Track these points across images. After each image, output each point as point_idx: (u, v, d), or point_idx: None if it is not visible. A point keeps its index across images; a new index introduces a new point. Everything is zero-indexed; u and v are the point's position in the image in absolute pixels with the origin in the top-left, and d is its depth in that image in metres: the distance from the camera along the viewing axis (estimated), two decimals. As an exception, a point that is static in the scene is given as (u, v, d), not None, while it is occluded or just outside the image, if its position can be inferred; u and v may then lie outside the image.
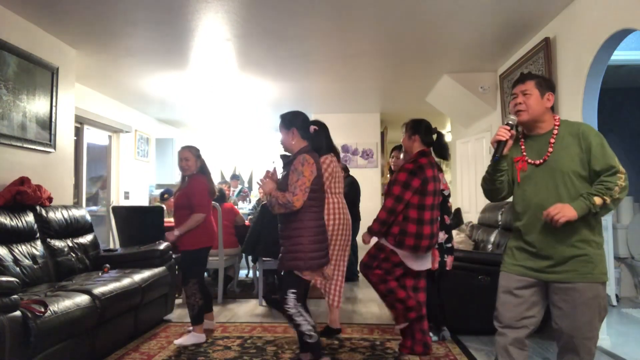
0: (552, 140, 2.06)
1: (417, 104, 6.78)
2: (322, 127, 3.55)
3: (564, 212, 1.90)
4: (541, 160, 2.06)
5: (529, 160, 2.09)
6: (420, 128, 3.04)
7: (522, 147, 2.14)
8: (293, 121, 2.82)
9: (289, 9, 3.68)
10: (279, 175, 2.88)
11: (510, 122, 2.08)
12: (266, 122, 8.33)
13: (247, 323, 4.14)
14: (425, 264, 2.96)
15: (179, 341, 3.52)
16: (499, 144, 2.06)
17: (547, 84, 2.13)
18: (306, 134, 2.82)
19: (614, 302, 4.72)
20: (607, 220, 4.69)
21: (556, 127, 2.08)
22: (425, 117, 3.19)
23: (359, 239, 6.43)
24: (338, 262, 3.62)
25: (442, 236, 3.37)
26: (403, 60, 4.99)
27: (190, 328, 3.72)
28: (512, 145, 2.14)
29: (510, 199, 2.22)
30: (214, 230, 3.79)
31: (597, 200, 1.92)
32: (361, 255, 6.81)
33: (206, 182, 3.73)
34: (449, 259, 3.45)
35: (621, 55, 4.21)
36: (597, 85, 3.44)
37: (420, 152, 2.97)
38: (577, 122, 2.14)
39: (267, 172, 2.80)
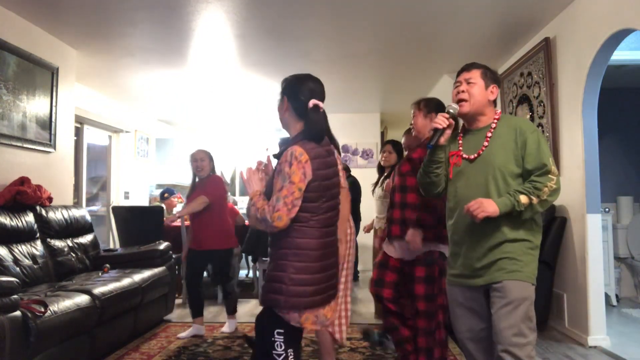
0: (489, 134, 1.94)
1: (417, 104, 6.78)
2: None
3: (484, 207, 1.80)
4: (475, 155, 1.94)
5: (464, 155, 1.97)
6: (432, 105, 2.71)
7: (460, 141, 2.02)
8: (289, 87, 1.94)
9: (289, 9, 3.68)
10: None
11: (450, 111, 1.93)
12: (266, 123, 8.33)
13: (247, 323, 4.13)
14: None
15: (225, 329, 3.87)
16: (435, 132, 1.90)
17: (493, 76, 2.03)
18: (302, 110, 1.89)
19: (614, 302, 4.72)
20: (607, 220, 4.72)
21: (495, 121, 1.97)
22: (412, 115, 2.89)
23: (359, 239, 6.46)
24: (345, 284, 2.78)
25: None
26: (403, 60, 4.99)
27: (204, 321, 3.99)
28: (450, 139, 2.00)
29: None
30: (231, 231, 4.05)
31: (523, 198, 1.81)
32: (362, 259, 6.82)
33: (224, 182, 4.02)
34: None
35: (621, 55, 4.20)
36: (597, 85, 3.43)
37: None
38: (517, 117, 2.05)
39: (259, 162, 1.99)
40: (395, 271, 2.63)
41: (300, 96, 1.88)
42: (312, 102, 1.88)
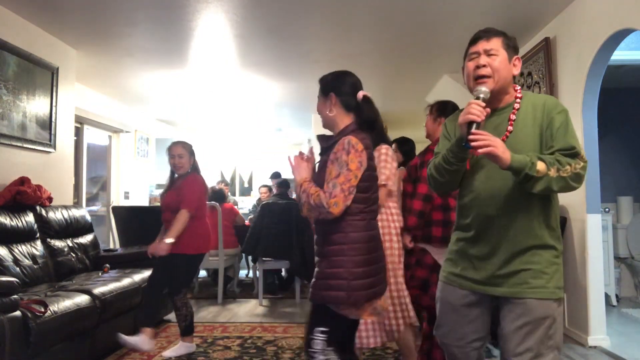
0: (513, 117, 1.61)
1: (417, 104, 6.77)
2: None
3: (496, 144, 1.46)
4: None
5: None
6: (447, 110, 2.65)
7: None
8: (332, 83, 1.98)
9: (289, 8, 3.67)
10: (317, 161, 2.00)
11: (482, 96, 1.57)
12: (266, 122, 8.33)
13: (247, 323, 4.14)
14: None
15: (167, 353, 3.25)
16: (470, 126, 1.52)
17: (515, 46, 1.68)
18: (352, 103, 1.94)
19: (614, 302, 4.72)
20: (607, 220, 4.71)
21: (518, 100, 1.64)
22: (425, 117, 3.01)
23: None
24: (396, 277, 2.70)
25: None
26: (403, 60, 4.98)
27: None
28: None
29: None
30: (210, 235, 3.48)
31: (540, 165, 1.48)
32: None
33: (203, 181, 3.43)
34: None
35: (621, 55, 4.20)
36: (597, 85, 3.44)
37: None
38: (542, 94, 1.68)
39: (301, 153, 1.97)
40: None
41: (348, 89, 1.95)
42: (361, 93, 1.95)
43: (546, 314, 1.60)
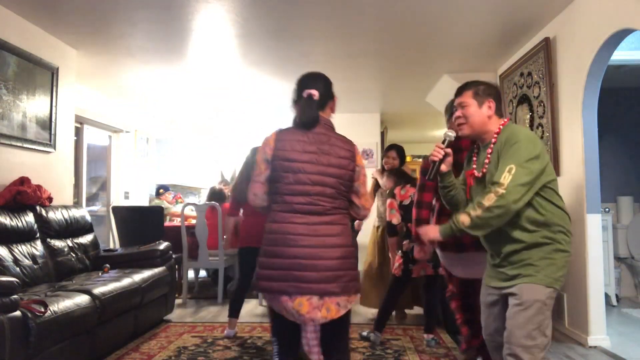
0: (490, 151, 1.95)
1: (417, 104, 6.77)
2: None
3: (428, 233, 1.98)
4: (480, 174, 1.97)
5: (475, 174, 2.00)
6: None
7: (474, 159, 2.06)
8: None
9: (289, 9, 3.68)
10: None
11: (447, 139, 2.01)
12: (267, 122, 8.33)
13: (247, 323, 4.14)
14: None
15: None
16: (432, 164, 1.99)
17: (486, 91, 2.01)
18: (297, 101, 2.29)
19: (614, 302, 4.72)
20: (607, 220, 4.71)
21: (495, 136, 1.95)
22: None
23: (359, 239, 6.46)
24: None
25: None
26: (403, 60, 4.98)
27: None
28: (468, 158, 2.13)
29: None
30: None
31: (463, 218, 1.84)
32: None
33: None
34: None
35: (621, 55, 4.20)
36: (597, 85, 3.43)
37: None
38: (511, 127, 1.91)
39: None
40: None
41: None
42: (305, 92, 2.21)
43: (535, 297, 1.82)
